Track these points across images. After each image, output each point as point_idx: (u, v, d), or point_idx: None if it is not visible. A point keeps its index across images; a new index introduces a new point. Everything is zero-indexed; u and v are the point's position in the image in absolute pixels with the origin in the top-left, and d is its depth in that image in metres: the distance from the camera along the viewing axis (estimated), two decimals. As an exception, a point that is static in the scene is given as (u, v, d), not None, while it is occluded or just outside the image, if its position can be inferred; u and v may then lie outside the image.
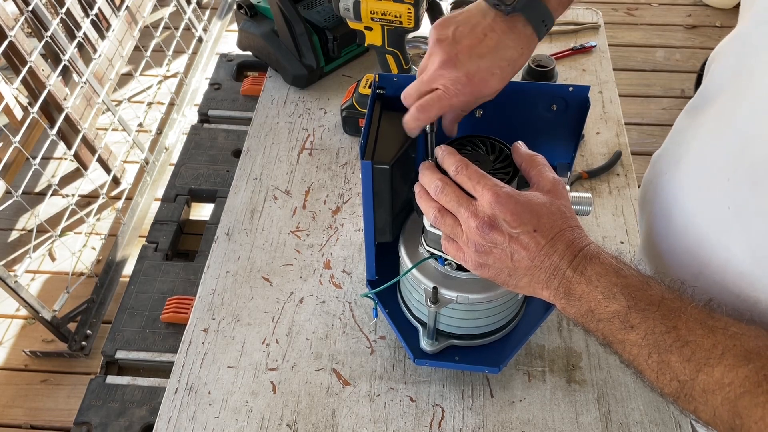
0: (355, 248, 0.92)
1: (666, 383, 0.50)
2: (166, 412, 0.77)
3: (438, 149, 0.63)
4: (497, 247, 0.57)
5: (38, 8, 1.79)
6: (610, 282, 0.53)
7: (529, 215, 0.56)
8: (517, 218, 0.56)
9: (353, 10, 0.96)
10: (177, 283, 1.39)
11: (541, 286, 0.57)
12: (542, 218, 0.57)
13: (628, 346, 0.52)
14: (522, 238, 0.56)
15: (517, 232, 0.56)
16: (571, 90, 0.67)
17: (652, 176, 0.71)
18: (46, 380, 1.77)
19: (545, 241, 0.56)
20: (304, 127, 1.10)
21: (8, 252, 2.04)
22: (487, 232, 0.57)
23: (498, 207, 0.56)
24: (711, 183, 0.58)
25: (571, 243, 0.56)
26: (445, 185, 0.59)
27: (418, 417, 0.75)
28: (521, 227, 0.56)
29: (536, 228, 0.56)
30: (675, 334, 0.49)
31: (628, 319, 0.51)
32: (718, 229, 0.57)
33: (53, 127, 1.80)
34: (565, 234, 0.57)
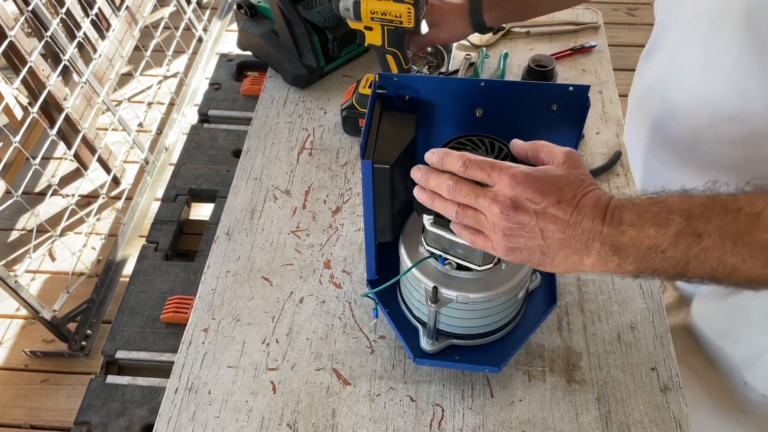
0: (355, 248, 0.92)
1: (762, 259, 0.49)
2: (166, 412, 0.77)
3: (430, 154, 0.62)
4: (525, 227, 0.56)
5: (38, 8, 1.79)
6: (654, 212, 0.52)
7: (550, 188, 0.55)
8: (539, 193, 0.55)
9: (353, 10, 0.96)
10: (177, 283, 1.39)
11: (579, 256, 0.56)
12: (563, 188, 0.56)
13: (708, 252, 0.51)
14: (549, 212, 0.55)
15: (542, 207, 0.55)
16: (571, 90, 0.67)
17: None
18: (46, 380, 1.77)
19: (572, 209, 0.55)
20: (304, 127, 1.10)
21: (8, 252, 2.04)
22: (512, 214, 0.56)
23: (518, 187, 0.55)
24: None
25: (597, 202, 0.55)
26: (457, 182, 0.59)
27: (418, 417, 0.75)
28: (545, 201, 0.55)
29: (560, 199, 0.55)
30: (744, 214, 0.49)
31: (694, 230, 0.50)
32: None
33: (53, 127, 1.80)
34: (587, 197, 0.56)
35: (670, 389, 0.76)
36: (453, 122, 0.73)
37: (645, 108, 0.76)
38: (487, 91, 0.69)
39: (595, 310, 0.84)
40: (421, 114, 0.72)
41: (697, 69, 0.64)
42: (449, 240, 0.67)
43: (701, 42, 0.62)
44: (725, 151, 0.66)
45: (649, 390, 0.76)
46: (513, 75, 1.19)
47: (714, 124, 0.65)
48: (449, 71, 1.20)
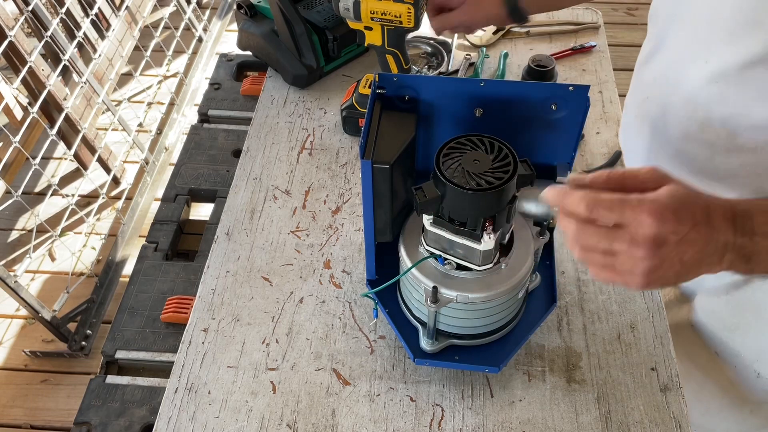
0: (355, 248, 0.92)
1: None
2: (166, 412, 0.77)
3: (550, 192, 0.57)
4: (666, 260, 0.54)
5: (38, 8, 1.79)
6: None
7: (685, 213, 0.53)
8: (678, 223, 0.52)
9: (353, 10, 0.96)
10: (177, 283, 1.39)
11: (712, 267, 0.55)
12: (693, 208, 0.53)
13: None
14: (689, 238, 0.53)
15: (683, 237, 0.52)
16: (571, 90, 0.67)
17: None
18: (46, 380, 1.77)
19: (706, 228, 0.53)
20: (304, 127, 1.10)
21: (8, 252, 2.04)
22: (656, 252, 0.52)
23: (662, 224, 0.51)
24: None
25: (725, 212, 0.54)
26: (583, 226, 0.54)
27: (418, 417, 0.75)
28: (684, 228, 0.52)
29: (695, 222, 0.53)
30: None
31: None
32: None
33: (53, 127, 1.80)
34: (713, 209, 0.54)
35: (670, 389, 0.76)
36: (453, 122, 0.73)
37: (645, 115, 0.76)
38: (487, 91, 0.69)
39: (595, 310, 0.84)
40: (420, 114, 0.72)
41: (697, 76, 0.64)
42: (449, 240, 0.67)
43: (703, 47, 0.62)
44: (727, 160, 0.66)
45: (649, 390, 0.76)
46: (513, 75, 1.19)
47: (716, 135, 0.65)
48: (449, 71, 1.20)
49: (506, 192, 0.63)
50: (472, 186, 0.61)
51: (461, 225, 0.65)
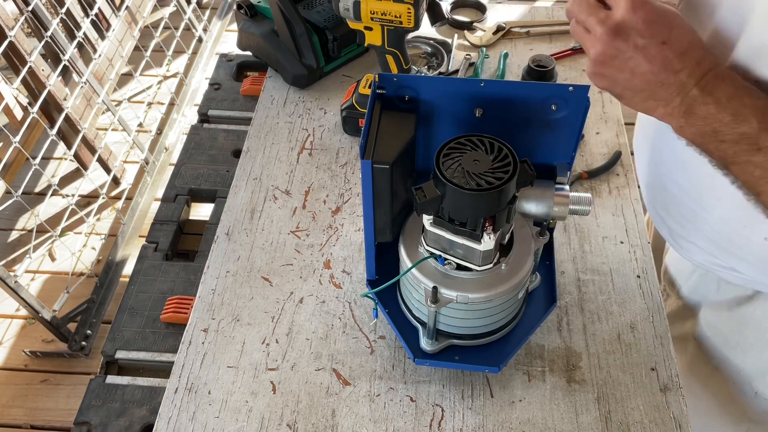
0: (355, 248, 0.92)
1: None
2: (166, 412, 0.77)
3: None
4: (618, 58, 0.54)
5: (38, 8, 1.79)
6: (742, 104, 0.51)
7: (662, 25, 0.53)
8: (649, 26, 0.53)
9: (353, 10, 0.96)
10: (177, 283, 1.39)
11: (657, 104, 0.55)
12: (674, 29, 0.53)
13: (752, 167, 0.51)
14: (649, 50, 0.53)
15: (645, 42, 0.53)
16: (571, 90, 0.67)
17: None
18: (46, 380, 1.77)
19: (673, 55, 0.53)
20: (304, 127, 1.10)
21: (8, 252, 2.04)
22: (611, 40, 0.54)
23: (632, 12, 0.53)
24: None
25: (702, 60, 0.53)
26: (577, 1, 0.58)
27: (418, 417, 0.75)
28: (651, 37, 0.53)
29: (665, 40, 0.53)
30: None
31: (758, 141, 0.50)
32: None
33: (53, 127, 1.80)
34: (696, 50, 0.53)
35: (670, 389, 0.76)
36: (453, 122, 0.73)
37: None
38: (487, 91, 0.69)
39: (595, 310, 0.84)
40: (420, 114, 0.72)
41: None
42: (449, 240, 0.67)
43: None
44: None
45: (648, 390, 0.76)
46: (513, 75, 1.19)
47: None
48: (449, 71, 1.20)
49: (506, 192, 0.63)
50: (472, 186, 0.61)
51: (461, 225, 0.65)
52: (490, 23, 1.29)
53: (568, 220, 0.93)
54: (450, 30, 1.29)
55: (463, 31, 1.28)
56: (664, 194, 0.77)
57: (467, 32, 1.27)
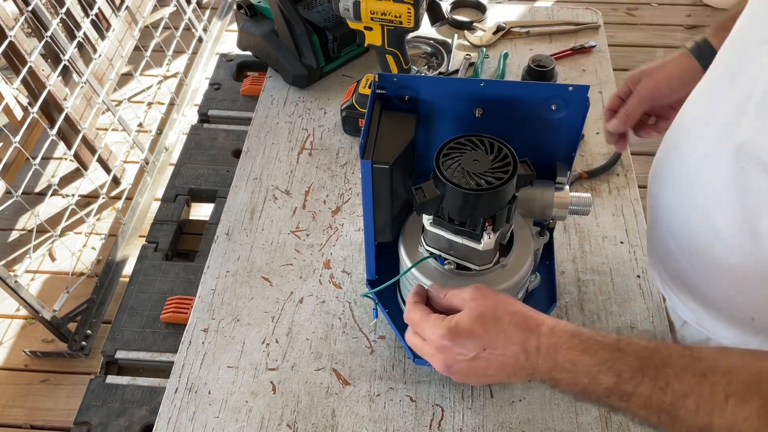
0: (355, 248, 0.92)
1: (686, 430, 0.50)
2: (166, 412, 0.77)
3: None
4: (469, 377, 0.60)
5: (38, 8, 1.79)
6: (585, 365, 0.54)
7: (469, 340, 0.58)
8: (463, 348, 0.58)
9: (353, 10, 0.96)
10: (177, 283, 1.39)
11: (527, 378, 0.59)
12: (481, 335, 0.58)
13: (635, 409, 0.52)
14: (480, 359, 0.58)
15: (470, 359, 0.58)
16: (571, 90, 0.67)
17: (665, 149, 0.72)
18: (46, 380, 1.77)
19: (500, 351, 0.58)
20: (304, 127, 1.10)
21: (8, 252, 2.04)
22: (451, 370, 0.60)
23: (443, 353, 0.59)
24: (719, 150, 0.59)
25: (523, 341, 0.57)
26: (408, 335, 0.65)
27: (417, 417, 0.75)
28: (471, 352, 0.58)
29: (484, 346, 0.58)
30: (671, 391, 0.49)
31: (623, 391, 0.52)
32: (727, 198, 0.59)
33: (53, 127, 1.80)
34: (512, 335, 0.58)
35: (670, 389, 0.76)
36: (453, 122, 0.73)
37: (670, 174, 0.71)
38: (487, 91, 0.69)
39: (595, 310, 0.84)
40: (420, 114, 0.72)
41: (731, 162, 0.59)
42: (449, 240, 0.67)
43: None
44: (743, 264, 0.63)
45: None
46: (513, 75, 1.19)
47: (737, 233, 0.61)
48: (449, 71, 1.20)
49: (506, 192, 0.63)
50: (471, 186, 0.61)
51: (461, 225, 0.65)
52: (490, 23, 1.29)
53: (568, 220, 0.93)
54: (450, 30, 1.29)
55: (463, 31, 1.28)
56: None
57: (467, 32, 1.28)
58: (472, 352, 0.58)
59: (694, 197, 0.66)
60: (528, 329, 0.58)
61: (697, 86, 0.68)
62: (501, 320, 0.59)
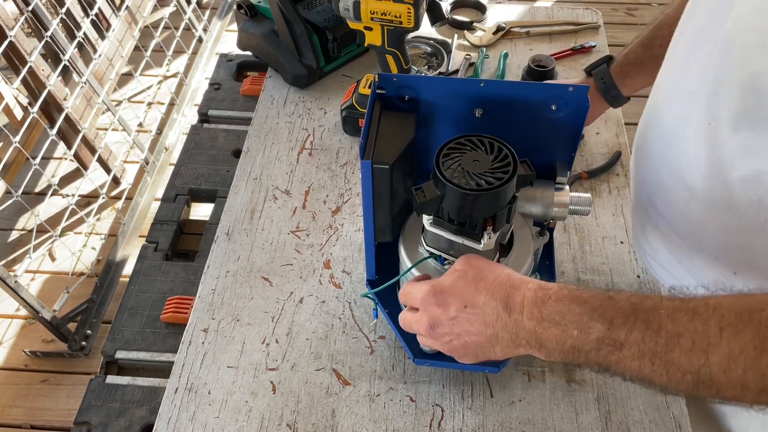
0: (355, 248, 0.92)
1: (679, 380, 0.49)
2: (166, 412, 0.77)
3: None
4: (453, 338, 0.60)
5: (38, 8, 1.79)
6: (576, 313, 0.53)
7: (453, 296, 0.59)
8: (443, 304, 0.59)
9: (353, 10, 0.96)
10: (177, 283, 1.39)
11: (514, 346, 0.58)
12: (462, 291, 0.59)
13: (627, 362, 0.51)
14: (461, 318, 0.58)
15: (452, 316, 0.59)
16: (571, 90, 0.67)
17: (642, 128, 0.75)
18: (46, 380, 1.77)
19: (481, 307, 0.58)
20: (304, 127, 1.10)
21: (8, 252, 2.04)
22: (434, 332, 0.61)
23: (427, 309, 0.60)
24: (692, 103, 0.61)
25: (507, 296, 0.57)
26: (401, 314, 0.68)
27: (417, 417, 0.75)
28: (452, 307, 0.59)
29: (465, 302, 0.58)
30: (665, 332, 0.49)
31: (614, 339, 0.51)
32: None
33: (53, 127, 1.80)
34: (493, 291, 0.58)
35: (670, 389, 0.76)
36: (453, 122, 0.73)
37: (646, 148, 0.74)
38: (487, 91, 0.69)
39: (595, 310, 0.84)
40: (420, 114, 0.72)
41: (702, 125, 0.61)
42: (449, 240, 0.67)
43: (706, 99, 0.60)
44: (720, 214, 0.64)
45: (648, 390, 0.76)
46: (513, 75, 1.19)
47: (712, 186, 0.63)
48: (449, 71, 1.20)
49: (506, 192, 0.63)
50: (472, 186, 0.61)
51: (461, 225, 0.65)
52: (490, 23, 1.29)
53: (568, 220, 0.93)
54: (450, 30, 1.29)
55: (463, 31, 1.28)
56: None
57: (467, 32, 1.28)
58: (452, 309, 0.59)
59: (669, 162, 0.68)
60: (512, 286, 0.58)
61: (663, 66, 0.71)
62: (485, 279, 0.59)
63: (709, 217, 0.65)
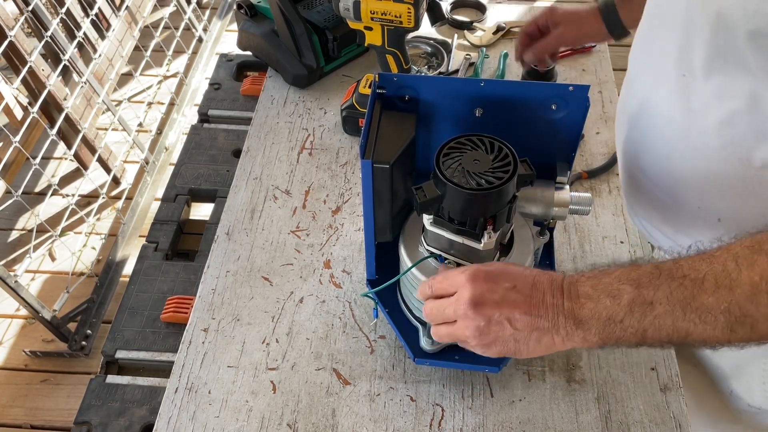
0: (355, 248, 0.92)
1: (713, 323, 0.51)
2: (166, 412, 0.77)
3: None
4: (493, 321, 0.58)
5: (38, 8, 1.79)
6: (606, 284, 0.55)
7: (503, 275, 0.59)
8: (494, 281, 0.58)
9: (353, 10, 0.96)
10: (177, 283, 1.39)
11: (550, 336, 0.58)
12: (513, 273, 0.59)
13: (661, 320, 0.52)
14: (509, 297, 0.58)
15: (501, 295, 0.58)
16: (571, 90, 0.67)
17: (622, 98, 0.78)
18: (46, 380, 1.77)
19: (529, 290, 0.58)
20: (304, 127, 1.10)
21: (8, 252, 2.04)
22: (478, 310, 0.58)
23: (473, 282, 0.59)
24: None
25: (551, 279, 0.58)
26: (427, 305, 0.64)
27: (418, 416, 0.75)
28: (501, 288, 0.58)
29: (515, 284, 0.58)
30: (689, 281, 0.51)
31: (645, 298, 0.53)
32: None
33: (53, 127, 1.80)
34: (539, 277, 0.59)
35: (670, 389, 0.76)
36: (453, 122, 0.73)
37: (626, 111, 0.77)
38: (487, 91, 0.69)
39: (595, 309, 0.84)
40: (421, 114, 0.72)
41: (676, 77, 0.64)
42: (449, 240, 0.67)
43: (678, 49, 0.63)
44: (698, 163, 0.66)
45: (648, 390, 0.76)
46: (513, 75, 1.19)
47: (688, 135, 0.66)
48: (449, 71, 1.20)
49: (506, 192, 0.63)
50: (472, 186, 0.61)
51: (461, 225, 0.65)
52: (490, 23, 1.29)
53: (568, 220, 0.93)
54: (450, 30, 1.29)
55: (463, 31, 1.28)
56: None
57: (467, 32, 1.28)
58: (505, 285, 0.58)
59: (648, 122, 0.71)
60: (550, 274, 0.59)
61: (636, 37, 0.75)
62: (526, 269, 0.61)
63: (689, 168, 0.67)
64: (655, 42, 0.68)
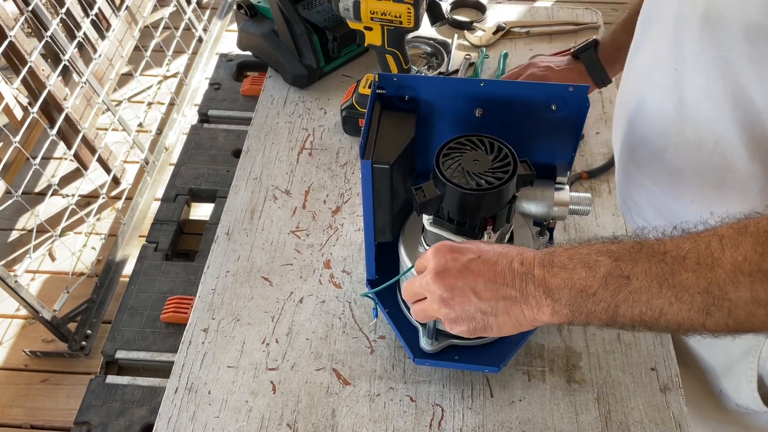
0: (355, 248, 0.92)
1: (689, 302, 0.49)
2: (166, 412, 0.77)
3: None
4: (456, 290, 0.57)
5: (38, 8, 1.79)
6: (584, 254, 0.53)
7: (469, 247, 0.58)
8: (458, 252, 0.58)
9: (353, 10, 0.96)
10: (177, 283, 1.39)
11: (518, 306, 0.56)
12: (481, 246, 0.59)
13: (636, 295, 0.51)
14: (472, 266, 0.57)
15: (464, 263, 0.57)
16: (570, 90, 0.67)
17: (618, 99, 0.80)
18: (46, 380, 1.77)
19: (495, 257, 0.57)
20: (304, 127, 1.10)
21: (8, 252, 2.04)
22: (439, 280, 0.58)
23: (437, 254, 0.58)
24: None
25: (521, 250, 0.57)
26: (405, 284, 0.65)
27: (417, 417, 0.75)
28: (465, 256, 0.57)
29: (480, 254, 0.57)
30: (670, 257, 0.50)
31: (622, 272, 0.51)
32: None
33: (53, 127, 1.80)
34: (508, 248, 0.58)
35: (670, 389, 0.76)
36: (453, 122, 0.73)
37: (623, 107, 0.77)
38: (487, 91, 0.69)
39: (594, 310, 0.84)
40: (420, 114, 0.72)
41: (669, 71, 0.65)
42: (449, 240, 0.67)
43: (670, 43, 0.64)
44: (692, 156, 0.67)
45: (648, 390, 0.76)
46: (513, 75, 1.18)
47: (682, 129, 0.66)
48: (449, 71, 1.20)
49: (506, 192, 0.63)
50: (472, 186, 0.61)
51: (461, 225, 0.65)
52: (490, 23, 1.29)
53: (568, 220, 0.93)
54: (450, 30, 1.29)
55: (463, 31, 1.28)
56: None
57: (467, 32, 1.28)
58: (465, 258, 0.57)
59: (643, 116, 0.71)
60: (520, 247, 0.59)
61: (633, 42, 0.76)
62: (497, 245, 0.60)
63: (683, 161, 0.68)
64: (651, 36, 0.69)
